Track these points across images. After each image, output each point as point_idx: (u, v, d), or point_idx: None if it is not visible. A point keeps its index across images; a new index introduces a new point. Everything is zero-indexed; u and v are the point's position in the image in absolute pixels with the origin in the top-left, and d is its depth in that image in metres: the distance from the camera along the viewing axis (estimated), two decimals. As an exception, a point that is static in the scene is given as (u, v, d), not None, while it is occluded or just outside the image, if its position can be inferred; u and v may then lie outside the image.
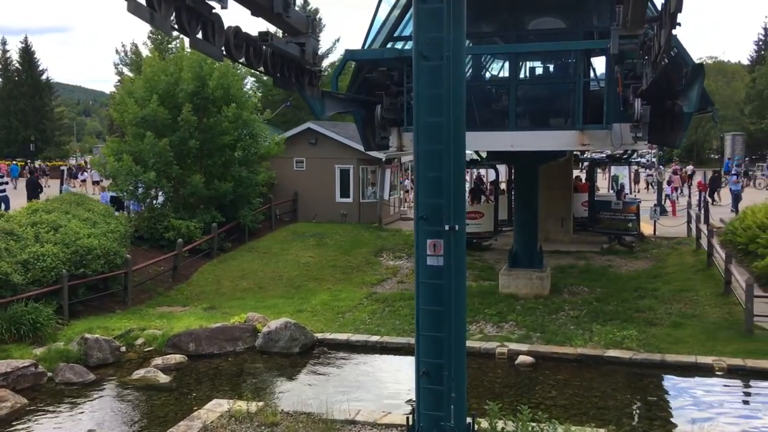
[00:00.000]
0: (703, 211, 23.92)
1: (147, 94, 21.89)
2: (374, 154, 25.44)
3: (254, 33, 7.94)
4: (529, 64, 17.75)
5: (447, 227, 8.08)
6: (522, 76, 16.71)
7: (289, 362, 13.92)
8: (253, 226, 24.38)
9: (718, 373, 12.49)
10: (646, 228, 24.78)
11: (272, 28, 8.30)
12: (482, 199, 24.73)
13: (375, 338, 14.75)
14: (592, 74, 19.32)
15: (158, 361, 13.56)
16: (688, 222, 23.58)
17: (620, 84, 14.27)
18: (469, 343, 14.49)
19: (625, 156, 24.88)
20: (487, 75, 19.24)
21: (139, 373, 12.97)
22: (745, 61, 67.00)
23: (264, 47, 8.78)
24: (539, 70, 17.09)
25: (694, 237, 21.82)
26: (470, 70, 18.30)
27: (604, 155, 27.85)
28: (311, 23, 9.64)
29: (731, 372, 12.45)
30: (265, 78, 47.43)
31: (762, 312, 14.61)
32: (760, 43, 65.65)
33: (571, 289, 18.01)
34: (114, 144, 22.81)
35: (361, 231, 24.96)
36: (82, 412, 11.50)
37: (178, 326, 15.14)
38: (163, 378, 12.73)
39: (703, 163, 56.71)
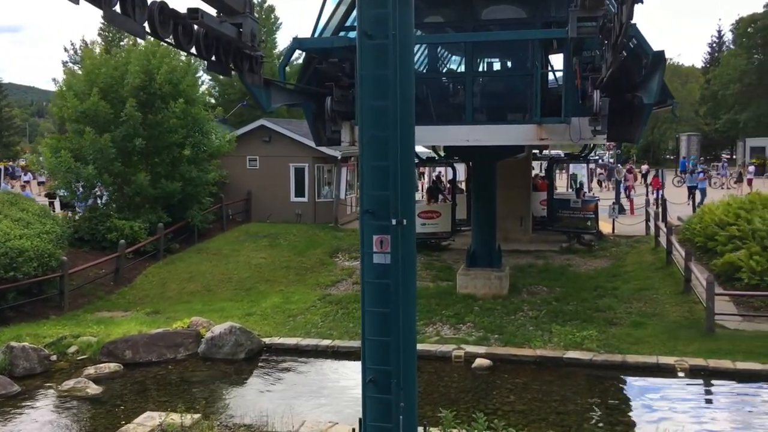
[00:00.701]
0: (661, 210, 23.77)
1: (87, 88, 20.74)
2: (330, 151, 24.74)
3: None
4: (486, 58, 17.26)
5: (394, 222, 7.41)
6: (479, 69, 16.19)
7: (233, 369, 13.08)
8: (203, 227, 23.40)
9: (680, 373, 12.10)
10: (605, 227, 24.56)
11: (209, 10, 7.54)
12: (440, 198, 24.18)
13: (326, 342, 14.01)
14: (551, 75, 19.02)
15: (90, 370, 12.59)
16: (647, 220, 23.40)
17: (578, 77, 13.85)
18: (424, 346, 13.93)
19: (583, 154, 24.61)
20: (444, 69, 18.66)
21: (68, 384, 11.99)
22: (699, 64, 68.17)
23: (195, 27, 8.03)
24: (497, 64, 16.58)
25: (653, 235, 21.60)
26: (426, 64, 17.74)
27: (563, 153, 27.61)
28: (249, 3, 8.87)
29: (693, 372, 12.07)
30: (221, 77, 46.56)
31: (722, 310, 14.34)
32: (714, 45, 66.89)
33: (530, 289, 17.56)
34: (53, 140, 21.59)
35: (317, 231, 24.19)
36: (2, 427, 10.50)
37: (115, 332, 14.17)
38: (94, 389, 11.77)
39: (659, 164, 57.27)
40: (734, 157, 55.20)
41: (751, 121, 53.53)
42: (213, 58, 8.84)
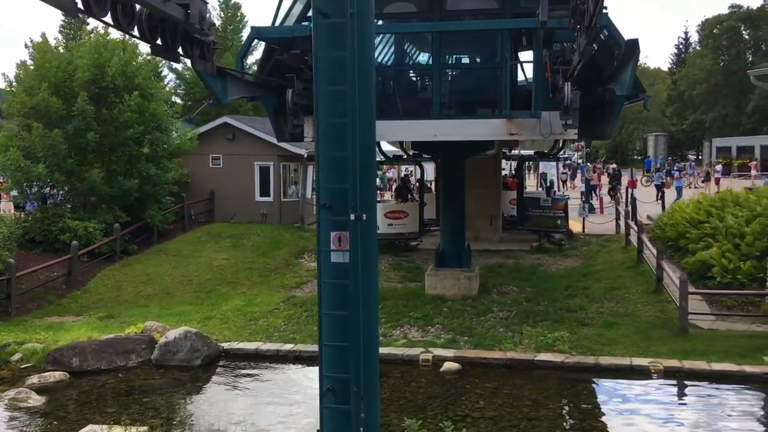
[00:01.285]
0: (630, 208, 23.56)
1: (37, 83, 19.75)
2: (296, 149, 24.09)
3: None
4: (455, 52, 16.77)
5: (353, 217, 6.83)
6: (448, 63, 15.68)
7: (188, 377, 12.35)
8: (163, 227, 22.54)
9: (654, 375, 11.70)
10: (575, 226, 24.30)
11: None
12: (409, 198, 23.64)
13: (288, 347, 13.36)
14: (521, 75, 18.65)
15: (34, 379, 11.76)
16: (617, 219, 23.17)
17: (549, 69, 13.41)
18: (390, 350, 13.36)
19: (553, 152, 24.28)
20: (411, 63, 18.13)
21: (8, 395, 11.14)
22: (666, 66, 68.88)
23: (137, 6, 7.35)
24: (465, 58, 16.09)
25: (623, 234, 21.34)
26: (393, 58, 17.21)
27: (533, 152, 27.29)
28: (196, -18, 8.23)
29: (668, 374, 11.68)
30: (187, 75, 45.44)
31: (695, 310, 14.02)
32: (680, 46, 67.60)
33: (501, 289, 17.11)
34: (1, 139, 20.54)
35: (282, 231, 23.48)
36: (-69, 445, 9.68)
37: (64, 339, 13.34)
38: (37, 400, 10.96)
39: (628, 164, 57.54)
40: (700, 157, 55.71)
41: (716, 122, 54.12)
42: (159, 41, 8.18)
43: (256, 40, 13.67)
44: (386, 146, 28.73)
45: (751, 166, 41.85)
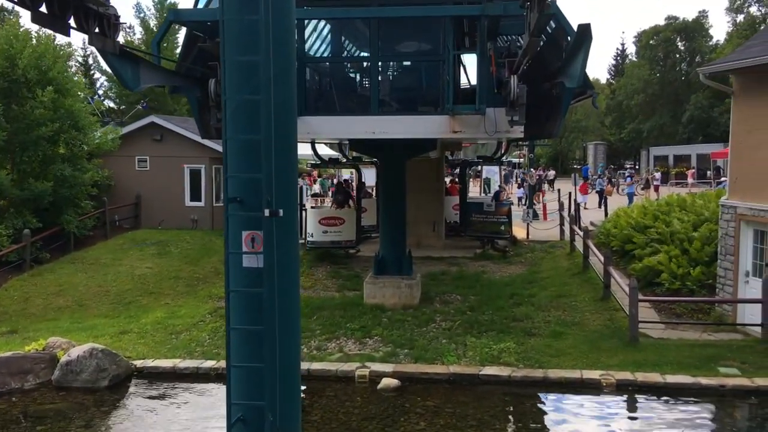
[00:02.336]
0: (575, 213, 23.11)
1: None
2: (228, 151, 22.69)
3: None
4: (394, 44, 15.82)
5: (267, 212, 5.73)
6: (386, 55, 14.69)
7: (92, 400, 10.90)
8: (82, 234, 20.81)
9: (606, 389, 10.92)
10: (519, 232, 23.70)
11: None
12: (349, 204, 22.47)
13: (209, 364, 12.05)
14: (464, 78, 17.87)
15: None
16: (561, 225, 22.66)
17: (494, 63, 12.60)
18: (324, 365, 12.21)
19: (496, 157, 23.63)
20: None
21: None
22: (604, 76, 70.00)
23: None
24: (405, 48, 15.14)
25: (568, 240, 20.81)
26: (329, 49, 16.14)
27: (476, 156, 26.65)
28: (89, -60, 6.99)
29: (620, 388, 10.92)
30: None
31: (644, 318, 13.38)
32: (618, 57, 68.78)
33: (443, 298, 16.19)
34: None
35: (214, 238, 22.03)
36: None
37: (-48, 358, 11.70)
38: None
39: (567, 173, 58.06)
40: (637, 166, 56.57)
41: (653, 131, 55.02)
42: (41, 8, 6.90)
43: (174, 24, 12.37)
44: (326, 150, 27.61)
45: (687, 174, 42.49)
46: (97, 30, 7.88)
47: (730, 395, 10.60)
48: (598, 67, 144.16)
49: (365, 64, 13.72)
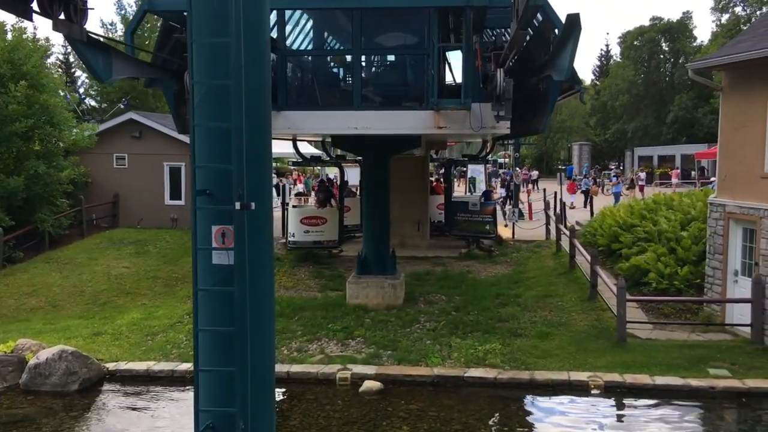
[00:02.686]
0: (561, 213, 22.88)
1: None
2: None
3: None
4: (377, 38, 15.47)
5: (239, 205, 5.35)
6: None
7: (62, 404, 10.44)
8: (57, 233, 20.26)
9: (594, 391, 10.65)
10: (505, 231, 23.44)
11: None
12: (332, 203, 21.96)
13: (185, 366, 11.60)
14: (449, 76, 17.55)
15: None
16: (547, 224, 22.41)
17: (479, 57, 12.29)
18: (304, 368, 11.82)
19: (482, 155, 23.35)
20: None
21: None
22: (588, 77, 70.09)
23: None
24: (389, 42, 14.79)
25: (554, 239, 20.56)
26: (311, 44, 15.76)
27: (461, 155, 26.36)
28: None
29: (609, 390, 10.65)
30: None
31: (632, 318, 13.12)
32: (602, 58, 68.90)
33: (428, 298, 15.86)
34: None
35: (192, 237, 21.54)
36: None
37: None
38: None
39: (552, 173, 57.98)
40: (621, 167, 56.60)
41: (638, 131, 55.06)
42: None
43: (149, 14, 11.94)
44: (310, 149, 27.22)
45: (671, 174, 42.52)
46: (63, 16, 7.45)
47: (720, 397, 10.36)
48: (582, 68, 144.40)
49: (347, 57, 13.36)
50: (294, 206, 21.88)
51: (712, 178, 22.46)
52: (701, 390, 10.49)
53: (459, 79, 14.42)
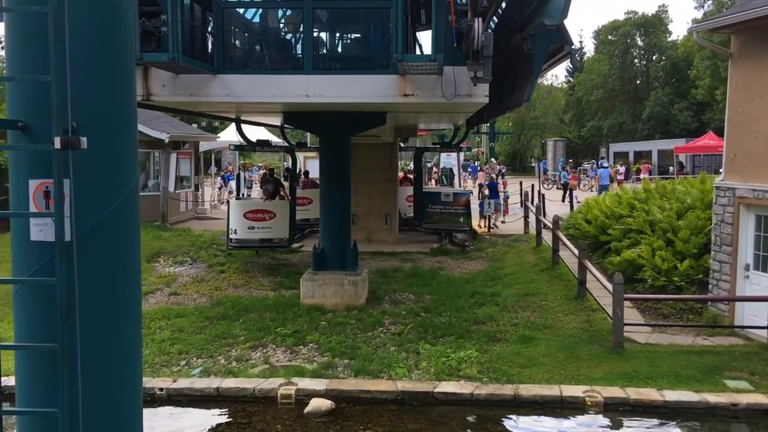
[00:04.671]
0: (541, 205, 21.12)
1: None
2: (155, 134, 20.07)
3: None
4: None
5: (59, 142, 3.31)
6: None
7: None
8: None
9: (592, 410, 8.77)
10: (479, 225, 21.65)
11: None
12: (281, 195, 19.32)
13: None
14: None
15: None
16: (525, 217, 20.63)
17: (453, 11, 10.35)
18: (239, 383, 9.65)
19: (454, 142, 21.51)
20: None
21: None
22: (562, 73, 68.86)
23: None
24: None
25: (533, 233, 18.78)
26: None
27: (435, 143, 24.49)
28: None
29: (610, 408, 8.77)
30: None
31: (627, 319, 11.26)
32: (576, 55, 67.59)
33: (394, 297, 13.93)
34: None
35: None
36: None
37: None
38: None
39: (526, 171, 56.55)
40: (597, 163, 55.25)
41: (613, 128, 53.84)
42: None
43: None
44: (270, 137, 25.08)
45: (642, 169, 41.34)
46: None
47: (744, 416, 8.55)
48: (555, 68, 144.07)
49: (297, 11, 11.33)
50: (237, 198, 19.71)
51: (691, 176, 20.95)
52: (721, 407, 8.67)
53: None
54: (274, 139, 23.32)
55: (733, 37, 11.51)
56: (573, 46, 10.58)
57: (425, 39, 14.77)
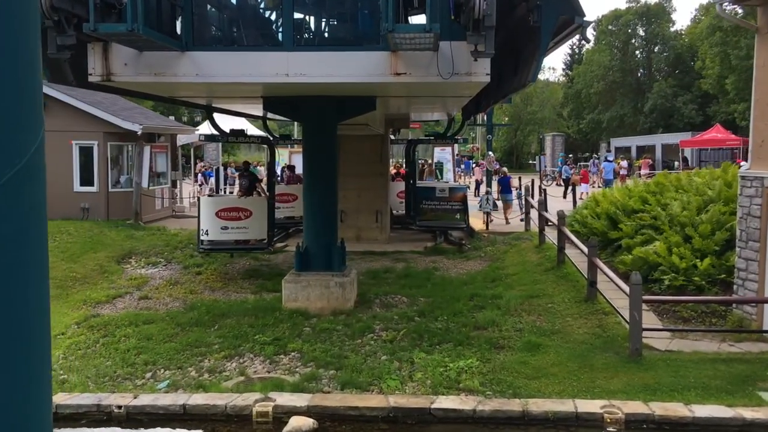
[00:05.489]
0: (544, 200, 19.99)
1: None
2: (127, 125, 18.83)
3: None
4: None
5: None
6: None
7: None
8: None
9: (611, 428, 7.62)
10: (477, 223, 20.50)
11: None
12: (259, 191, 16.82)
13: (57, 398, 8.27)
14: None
15: None
16: (526, 213, 19.49)
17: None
18: (207, 399, 8.29)
19: (449, 134, 20.35)
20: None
21: None
22: (560, 67, 67.92)
23: None
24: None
25: (536, 230, 17.64)
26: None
27: (427, 135, 23.34)
28: None
29: (632, 426, 7.64)
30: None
31: (647, 324, 10.12)
32: (574, 47, 66.61)
33: (385, 300, 12.78)
34: None
35: (106, 230, 18.10)
36: None
37: None
38: None
39: (523, 168, 55.46)
40: (611, 157, 54.26)
41: (614, 121, 52.77)
42: None
43: None
44: (253, 129, 23.89)
45: (641, 164, 40.38)
46: None
47: (789, 436, 7.41)
48: (553, 57, 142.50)
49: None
50: (209, 195, 18.41)
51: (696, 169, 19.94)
52: (759, 424, 7.53)
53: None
54: (257, 132, 22.08)
55: (759, 10, 10.38)
56: (585, 18, 9.41)
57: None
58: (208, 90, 11.06)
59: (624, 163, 34.94)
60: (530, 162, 58.73)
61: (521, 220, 20.24)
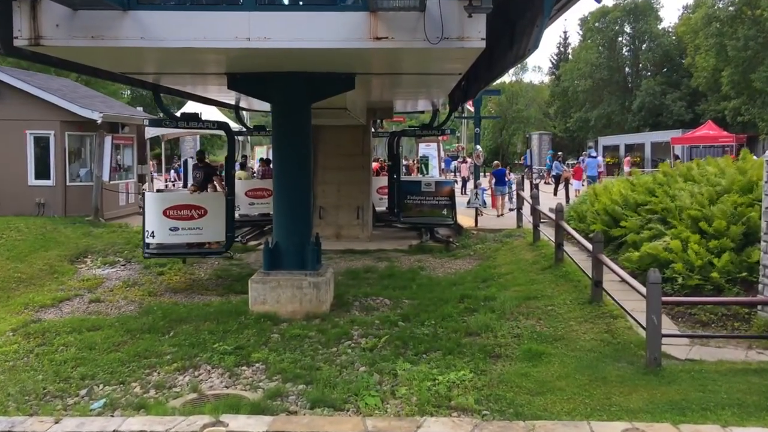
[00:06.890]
0: (537, 194, 18.76)
1: None
2: (86, 114, 17.33)
3: None
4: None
5: None
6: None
7: None
8: None
9: (637, 458, 6.28)
10: (465, 221, 19.23)
11: None
12: (215, 186, 14.92)
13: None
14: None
15: None
16: (518, 209, 18.22)
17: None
18: (144, 424, 7.02)
19: (435, 125, 19.05)
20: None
21: None
22: (546, 66, 67.17)
23: None
24: None
25: (529, 227, 16.39)
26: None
27: (411, 126, 22.05)
28: None
29: (662, 456, 6.29)
30: None
31: (666, 329, 8.81)
32: (561, 46, 65.80)
33: (365, 303, 11.45)
34: None
35: (61, 226, 16.57)
36: None
37: None
38: None
39: (511, 168, 54.34)
40: (598, 155, 53.39)
41: (601, 119, 51.86)
42: None
43: None
44: (209, 111, 22.39)
45: (624, 162, 39.55)
46: None
47: None
48: (539, 56, 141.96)
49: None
50: (158, 190, 16.82)
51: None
52: (814, 452, 6.23)
53: None
54: (222, 118, 20.32)
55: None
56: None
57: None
58: (157, 58, 9.61)
59: (600, 160, 34.16)
60: (516, 162, 57.67)
61: (511, 210, 19.07)
